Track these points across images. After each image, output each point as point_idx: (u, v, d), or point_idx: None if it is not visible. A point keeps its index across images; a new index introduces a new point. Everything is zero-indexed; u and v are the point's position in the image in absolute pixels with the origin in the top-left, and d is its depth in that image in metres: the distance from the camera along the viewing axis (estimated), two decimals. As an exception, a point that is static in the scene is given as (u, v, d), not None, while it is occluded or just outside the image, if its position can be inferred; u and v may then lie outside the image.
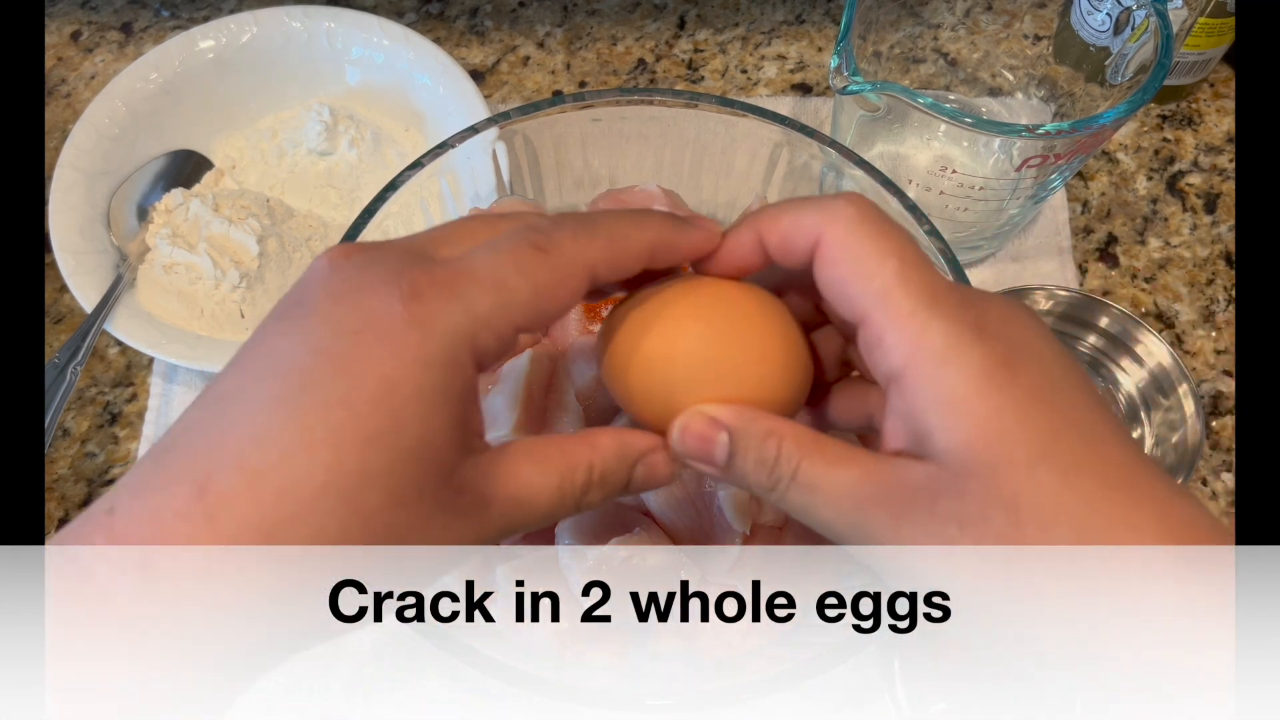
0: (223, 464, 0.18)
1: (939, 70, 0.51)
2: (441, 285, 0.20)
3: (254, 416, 0.19)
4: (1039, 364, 0.21)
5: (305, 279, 0.21)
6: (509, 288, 0.21)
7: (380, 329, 0.20)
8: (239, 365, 0.20)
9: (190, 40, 0.51)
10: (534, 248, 0.22)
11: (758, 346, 0.23)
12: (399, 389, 0.19)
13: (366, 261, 0.21)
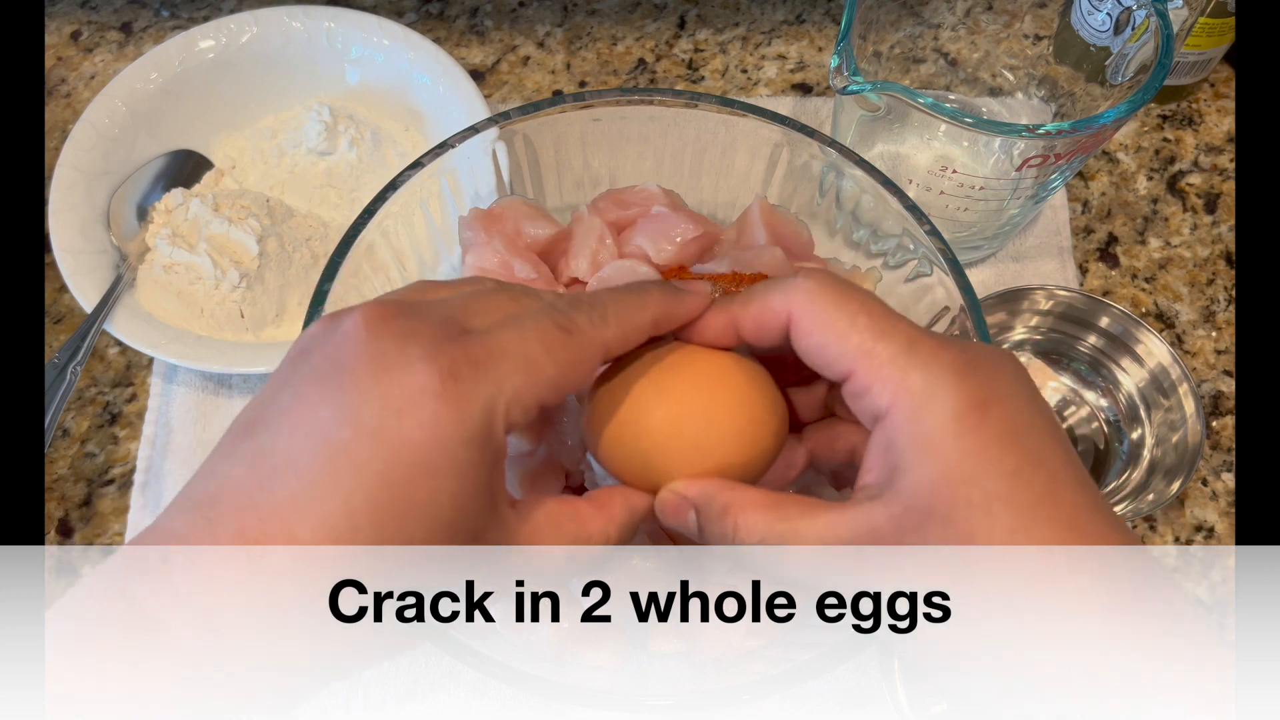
0: (274, 538, 0.20)
1: (939, 70, 0.51)
2: (476, 364, 0.22)
3: (299, 493, 0.20)
4: (1011, 405, 0.22)
5: (342, 339, 0.22)
6: (538, 366, 0.23)
7: (420, 410, 0.21)
8: (276, 422, 0.21)
9: (190, 40, 0.51)
10: (560, 329, 0.23)
11: (726, 416, 0.26)
12: (438, 468, 0.21)
13: (405, 332, 0.22)
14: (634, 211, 0.41)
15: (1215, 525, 0.45)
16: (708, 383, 0.26)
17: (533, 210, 0.39)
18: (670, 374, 0.26)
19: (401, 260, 0.39)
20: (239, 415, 0.22)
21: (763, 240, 0.38)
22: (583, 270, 0.38)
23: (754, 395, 0.26)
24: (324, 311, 0.34)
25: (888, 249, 0.39)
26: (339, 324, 0.22)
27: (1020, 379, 0.23)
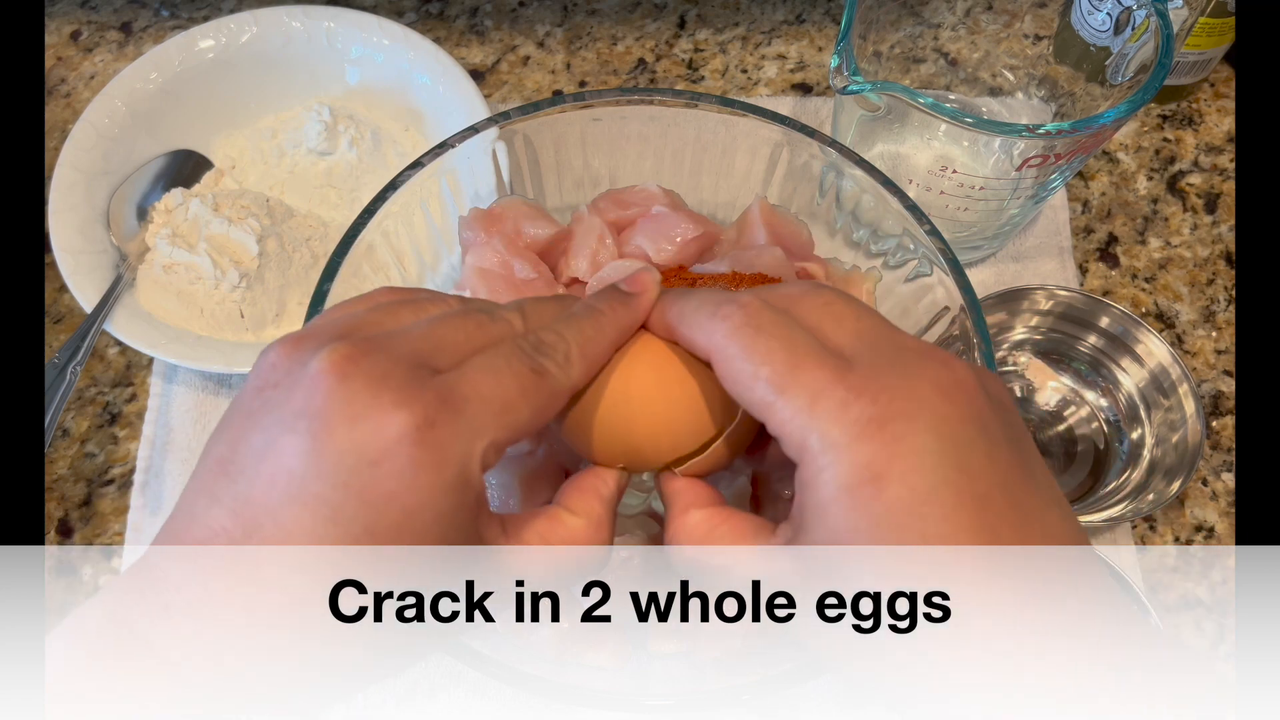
0: (266, 589, 0.20)
1: (939, 70, 0.51)
2: (452, 410, 0.21)
3: (285, 542, 0.21)
4: (916, 471, 0.21)
5: (311, 384, 0.21)
6: (514, 411, 0.23)
7: (398, 461, 0.21)
8: (256, 468, 0.21)
9: (190, 40, 0.51)
10: (534, 374, 0.23)
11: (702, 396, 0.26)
12: (419, 517, 0.21)
13: (376, 375, 0.21)
14: (634, 211, 0.41)
15: (1215, 525, 0.45)
16: (673, 366, 0.26)
17: (533, 210, 0.39)
18: (637, 363, 0.27)
19: (401, 260, 0.39)
20: (210, 444, 0.23)
21: (763, 240, 0.38)
22: (583, 270, 0.38)
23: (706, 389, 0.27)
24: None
25: (888, 249, 0.39)
26: (304, 362, 0.22)
27: (940, 430, 0.21)
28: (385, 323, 0.24)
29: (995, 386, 0.24)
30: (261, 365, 0.23)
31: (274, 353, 0.23)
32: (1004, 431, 0.22)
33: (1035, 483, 0.22)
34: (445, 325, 0.24)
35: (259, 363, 0.23)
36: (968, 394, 0.22)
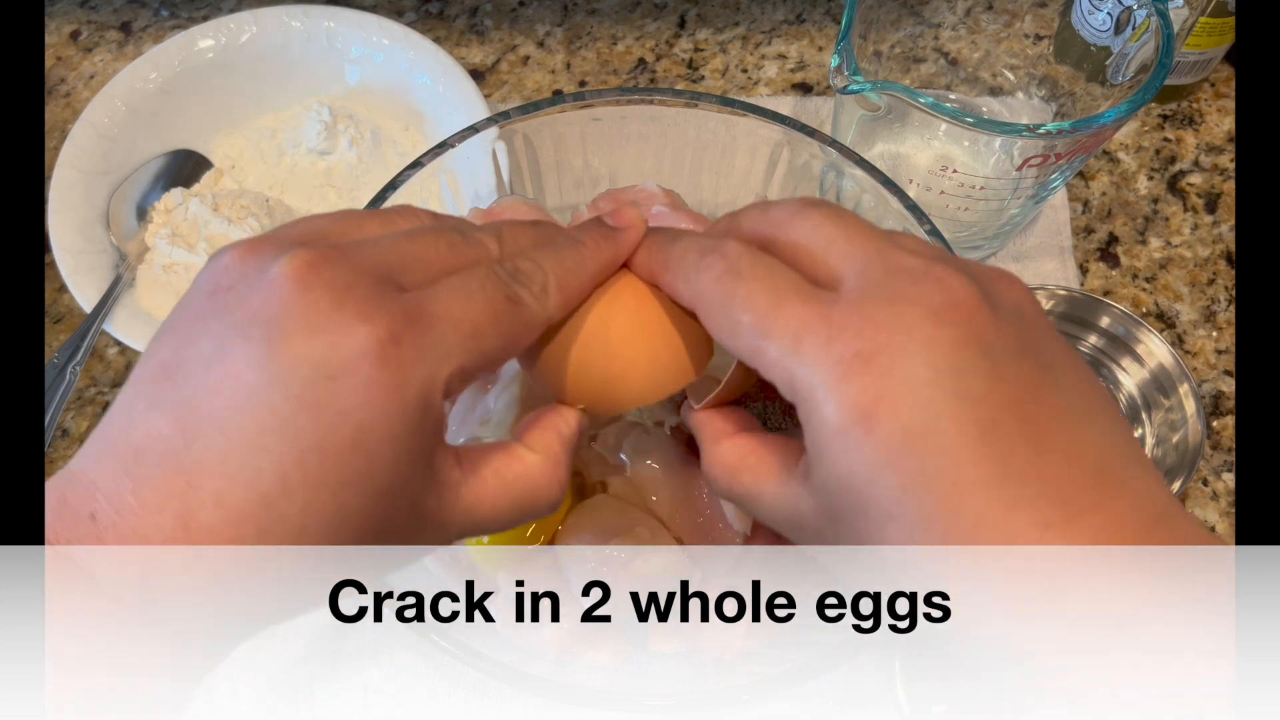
0: (202, 501, 0.19)
1: (940, 70, 0.51)
2: (417, 329, 0.20)
3: (228, 456, 0.19)
4: (909, 403, 0.19)
5: (269, 289, 0.20)
6: (483, 337, 0.22)
7: (357, 377, 0.20)
8: (203, 374, 0.20)
9: (190, 40, 0.51)
10: (508, 301, 0.22)
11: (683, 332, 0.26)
12: (373, 435, 0.20)
13: (339, 286, 0.20)
14: (634, 211, 0.41)
15: (1215, 525, 0.45)
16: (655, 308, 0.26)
17: (533, 210, 0.39)
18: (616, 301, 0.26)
19: (401, 260, 0.39)
20: (152, 347, 0.21)
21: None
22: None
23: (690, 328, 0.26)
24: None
25: (888, 249, 0.39)
26: (264, 267, 0.20)
27: (932, 358, 0.19)
28: (351, 233, 0.23)
29: (1009, 294, 0.22)
30: (214, 267, 0.21)
31: (229, 255, 0.21)
32: (1016, 344, 0.20)
33: (1060, 393, 0.20)
34: (416, 241, 0.23)
35: (211, 264, 0.22)
36: (965, 313, 0.20)
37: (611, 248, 0.26)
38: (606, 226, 0.26)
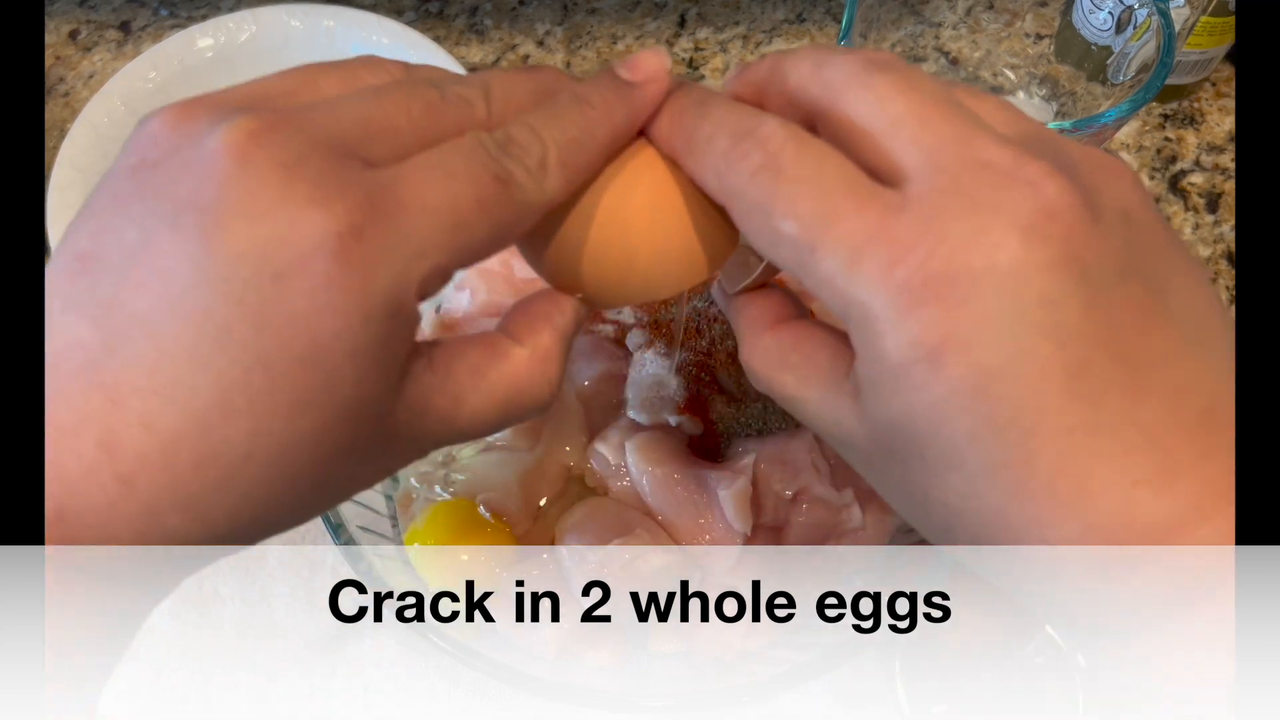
0: (126, 421, 0.16)
1: (940, 69, 0.51)
2: (384, 218, 0.17)
3: (156, 369, 0.16)
4: (984, 340, 0.17)
5: (205, 166, 0.17)
6: (467, 228, 0.18)
7: (309, 274, 0.16)
8: (127, 268, 0.17)
9: (189, 39, 0.50)
10: (497, 181, 0.18)
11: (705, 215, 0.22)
12: (332, 349, 0.17)
13: (288, 162, 0.17)
14: (634, 211, 0.40)
15: (1216, 525, 0.45)
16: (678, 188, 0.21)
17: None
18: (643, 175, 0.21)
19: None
20: (68, 235, 0.18)
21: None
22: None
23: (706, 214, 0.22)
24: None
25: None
26: (198, 139, 0.17)
27: (1017, 286, 0.16)
28: (303, 93, 0.19)
29: (1116, 193, 0.18)
30: (139, 137, 0.18)
31: (156, 121, 0.18)
32: (1121, 260, 0.17)
33: (1170, 319, 0.18)
34: (383, 102, 0.18)
35: (137, 133, 0.18)
36: (1062, 226, 0.17)
37: (626, 110, 0.21)
38: (620, 81, 0.21)
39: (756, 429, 0.36)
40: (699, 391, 0.36)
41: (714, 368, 0.38)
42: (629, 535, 0.33)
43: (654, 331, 0.37)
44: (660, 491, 0.34)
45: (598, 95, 0.21)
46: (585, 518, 0.35)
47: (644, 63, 0.21)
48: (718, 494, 0.34)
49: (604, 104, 0.20)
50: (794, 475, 0.34)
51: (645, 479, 0.34)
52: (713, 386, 0.37)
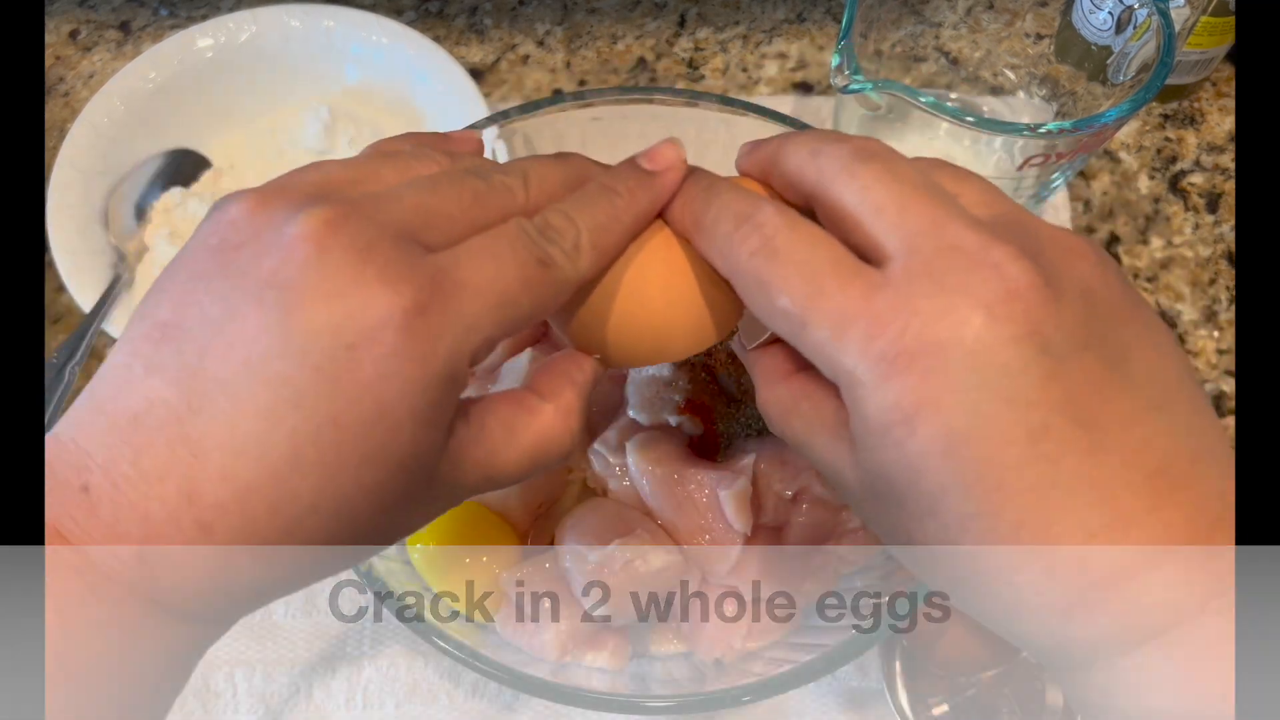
0: (208, 474, 0.18)
1: (940, 69, 0.51)
2: (444, 297, 0.19)
3: (237, 427, 0.18)
4: (952, 405, 0.18)
5: (286, 251, 0.19)
6: (513, 305, 0.20)
7: (378, 346, 0.18)
8: (211, 338, 0.18)
9: (189, 39, 0.50)
10: (539, 264, 0.21)
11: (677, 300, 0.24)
12: (395, 410, 0.19)
13: (360, 247, 0.19)
14: (634, 211, 0.40)
15: (1216, 525, 0.45)
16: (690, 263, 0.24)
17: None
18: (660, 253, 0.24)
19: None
20: (147, 306, 0.20)
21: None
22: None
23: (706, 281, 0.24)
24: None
25: (888, 248, 0.39)
26: (278, 225, 0.19)
27: (981, 359, 0.18)
28: (367, 183, 0.21)
29: (1077, 272, 0.20)
30: (219, 221, 0.20)
31: (236, 208, 0.20)
32: (1080, 334, 0.19)
33: (1128, 385, 0.19)
34: (438, 194, 0.21)
35: (215, 216, 0.20)
36: (1023, 305, 0.18)
37: (649, 197, 0.24)
38: (642, 171, 0.24)
39: (756, 429, 0.36)
40: (699, 391, 0.36)
41: (714, 368, 0.38)
42: (629, 535, 0.33)
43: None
44: (660, 491, 0.34)
45: (623, 184, 0.24)
46: (585, 518, 0.35)
47: (662, 155, 0.24)
48: (718, 494, 0.34)
49: (629, 192, 0.23)
50: (794, 475, 0.34)
51: (645, 479, 0.34)
52: (713, 386, 0.37)
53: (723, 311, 0.24)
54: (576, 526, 0.34)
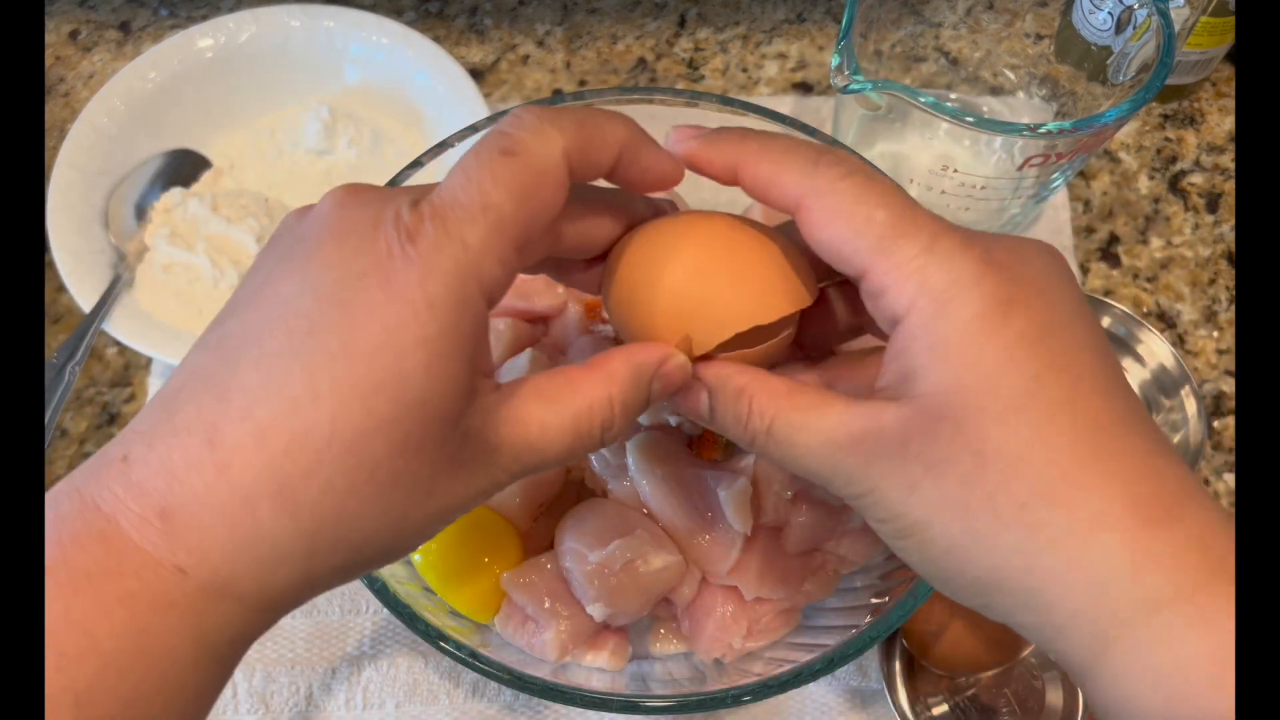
0: (230, 416, 0.19)
1: (940, 69, 0.51)
2: (432, 220, 0.20)
3: (259, 365, 0.19)
4: (1040, 304, 0.21)
5: (313, 217, 0.21)
6: (494, 206, 0.20)
7: (383, 272, 0.19)
8: (245, 306, 0.20)
9: (189, 39, 0.50)
10: (503, 154, 0.21)
11: (740, 279, 0.24)
12: (401, 336, 0.19)
13: (369, 200, 0.21)
14: (634, 211, 0.40)
15: (1216, 525, 0.45)
16: (731, 243, 0.24)
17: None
18: (691, 233, 0.25)
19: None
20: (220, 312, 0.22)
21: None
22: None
23: (775, 264, 0.24)
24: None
25: (888, 248, 0.39)
26: (313, 207, 0.22)
27: (1053, 274, 0.22)
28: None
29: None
30: (277, 227, 0.23)
31: (289, 214, 0.23)
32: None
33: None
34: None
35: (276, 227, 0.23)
36: (1070, 274, 0.23)
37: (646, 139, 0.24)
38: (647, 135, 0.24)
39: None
40: (699, 392, 0.36)
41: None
42: (629, 535, 0.33)
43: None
44: (660, 492, 0.34)
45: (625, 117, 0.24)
46: (585, 518, 0.35)
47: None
48: (718, 494, 0.34)
49: (628, 120, 0.24)
50: (794, 475, 0.34)
51: (645, 479, 0.34)
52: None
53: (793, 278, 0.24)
54: (576, 526, 0.34)
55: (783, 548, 0.35)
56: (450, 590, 0.34)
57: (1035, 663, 0.40)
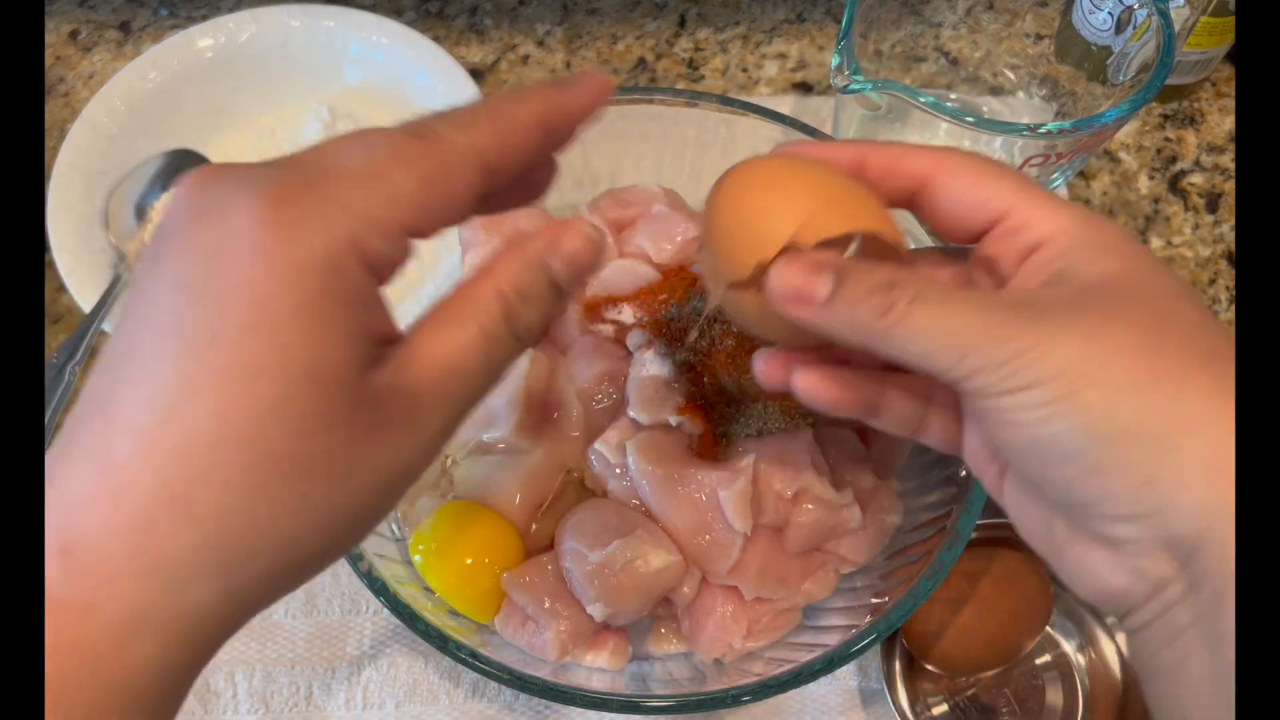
0: (118, 432, 0.17)
1: (940, 69, 0.51)
2: (310, 186, 0.18)
3: (138, 376, 0.17)
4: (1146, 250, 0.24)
5: (169, 206, 0.19)
6: (391, 180, 0.19)
7: (244, 244, 0.17)
8: (124, 318, 0.19)
9: (189, 39, 0.50)
10: (413, 137, 0.20)
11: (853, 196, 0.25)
12: (273, 308, 0.17)
13: (228, 179, 0.19)
14: (634, 211, 0.41)
15: (1216, 525, 0.45)
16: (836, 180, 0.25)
17: (532, 210, 0.39)
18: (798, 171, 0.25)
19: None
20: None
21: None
22: (582, 270, 0.38)
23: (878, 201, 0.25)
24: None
25: (888, 248, 0.39)
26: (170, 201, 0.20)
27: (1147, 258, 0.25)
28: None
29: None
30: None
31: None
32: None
33: None
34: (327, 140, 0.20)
35: None
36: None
37: (562, 88, 0.22)
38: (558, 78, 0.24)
39: (756, 429, 0.36)
40: (699, 392, 0.36)
41: (714, 368, 0.38)
42: (629, 535, 0.33)
43: (654, 331, 0.37)
44: (660, 491, 0.34)
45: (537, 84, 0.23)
46: (585, 518, 0.35)
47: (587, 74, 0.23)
48: (718, 494, 0.34)
49: (539, 85, 0.22)
50: (794, 475, 0.34)
51: (645, 479, 0.34)
52: (713, 386, 0.37)
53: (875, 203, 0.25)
54: (576, 526, 0.34)
55: (783, 548, 0.35)
56: (450, 590, 0.34)
57: (1035, 662, 0.40)
